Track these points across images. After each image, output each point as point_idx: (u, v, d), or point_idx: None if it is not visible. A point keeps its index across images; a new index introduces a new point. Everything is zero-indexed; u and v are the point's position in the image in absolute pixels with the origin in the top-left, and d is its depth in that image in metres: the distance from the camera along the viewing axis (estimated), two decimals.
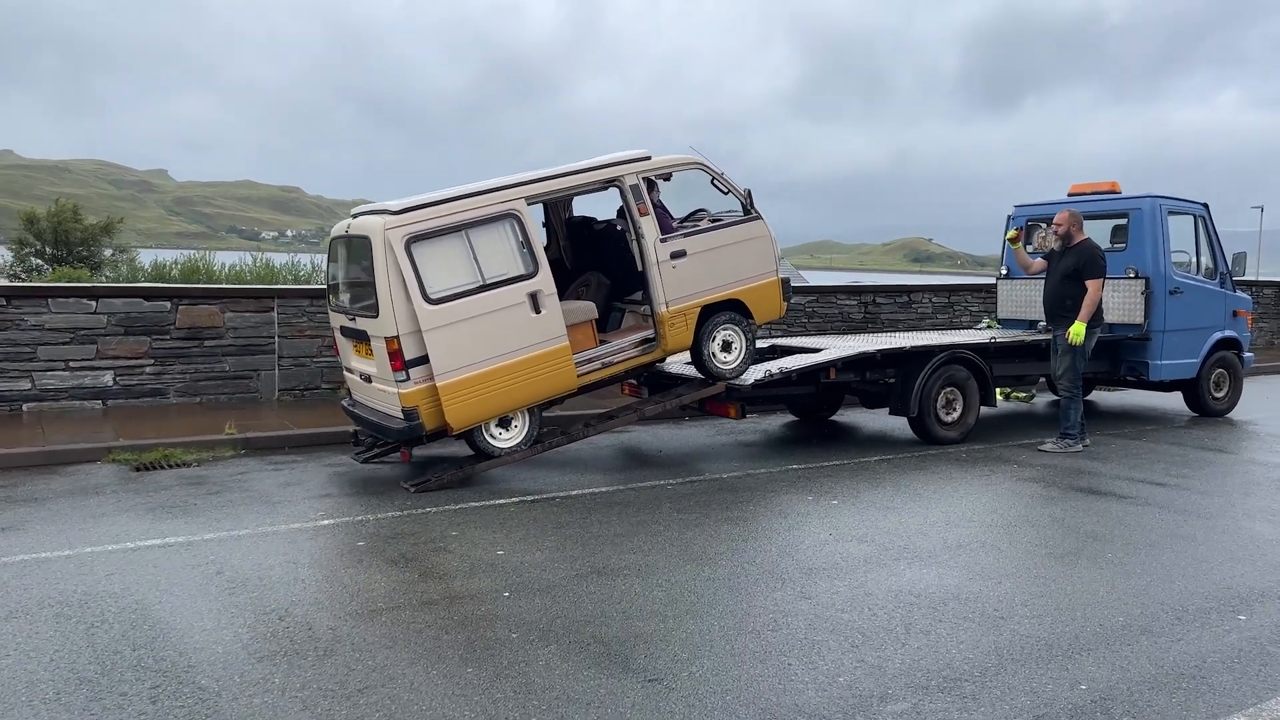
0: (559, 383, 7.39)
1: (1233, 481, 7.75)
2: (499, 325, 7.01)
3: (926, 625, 4.51)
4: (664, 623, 4.52)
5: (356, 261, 7.29)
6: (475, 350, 6.94)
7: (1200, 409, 11.10)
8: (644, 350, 7.89)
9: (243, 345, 10.11)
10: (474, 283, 6.96)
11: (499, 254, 7.07)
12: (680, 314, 7.80)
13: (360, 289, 7.29)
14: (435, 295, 6.81)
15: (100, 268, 28.27)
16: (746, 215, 8.24)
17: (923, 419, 9.08)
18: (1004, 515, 6.59)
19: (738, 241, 8.14)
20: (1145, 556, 5.64)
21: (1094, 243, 9.15)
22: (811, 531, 6.11)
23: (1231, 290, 11.19)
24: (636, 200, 7.65)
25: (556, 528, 6.17)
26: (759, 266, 8.25)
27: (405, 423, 6.89)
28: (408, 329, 6.74)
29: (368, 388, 7.49)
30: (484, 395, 7.00)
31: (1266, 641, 4.37)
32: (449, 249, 6.91)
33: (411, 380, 6.80)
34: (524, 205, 7.26)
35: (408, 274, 6.70)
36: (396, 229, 6.74)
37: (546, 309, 7.18)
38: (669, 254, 7.75)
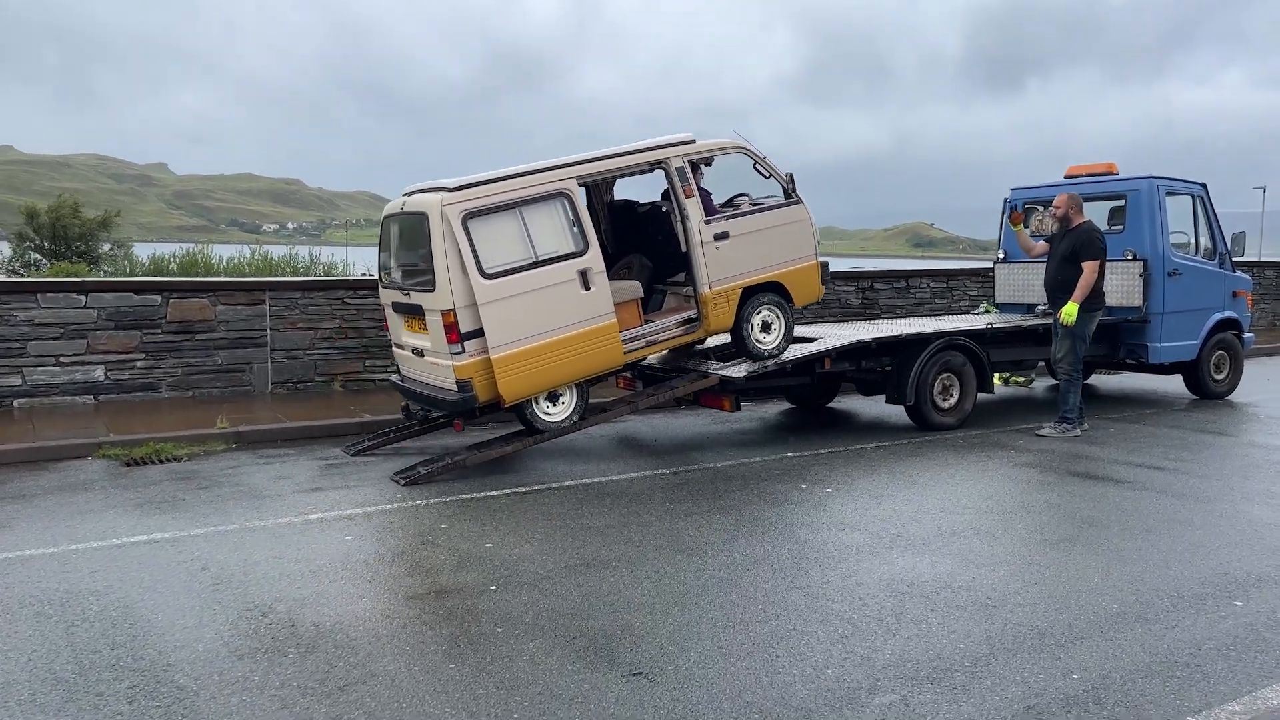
0: (606, 359, 7.55)
1: (1232, 465, 7.68)
2: (550, 301, 7.18)
3: (918, 615, 4.45)
4: (652, 615, 4.47)
5: (412, 238, 7.44)
6: (528, 325, 7.10)
7: (1200, 391, 11.02)
8: (687, 330, 8.07)
9: (235, 338, 10.05)
10: (527, 259, 7.13)
11: (550, 232, 7.24)
12: (723, 295, 7.98)
13: (415, 265, 7.42)
14: (490, 270, 6.97)
15: (98, 262, 28.25)
16: (788, 199, 8.38)
17: (919, 406, 9.01)
18: (1000, 501, 6.53)
19: (779, 225, 8.30)
20: (1141, 542, 5.58)
21: (1093, 225, 9.07)
22: (804, 520, 6.05)
23: (1231, 271, 11.09)
24: (682, 182, 7.84)
25: (547, 519, 6.12)
26: (799, 250, 8.40)
27: (459, 394, 7.04)
28: (464, 302, 6.91)
29: (419, 362, 7.62)
30: (536, 369, 7.17)
31: (1263, 628, 4.31)
32: (503, 226, 7.08)
33: (466, 353, 6.97)
34: (575, 185, 7.43)
35: (464, 249, 6.86)
36: (454, 205, 6.90)
37: (596, 286, 7.35)
38: (713, 236, 7.91)
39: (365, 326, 10.63)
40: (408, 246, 7.65)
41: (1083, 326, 8.92)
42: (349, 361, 10.59)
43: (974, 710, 3.53)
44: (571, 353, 7.29)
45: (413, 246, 7.47)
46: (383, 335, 10.71)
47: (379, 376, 10.75)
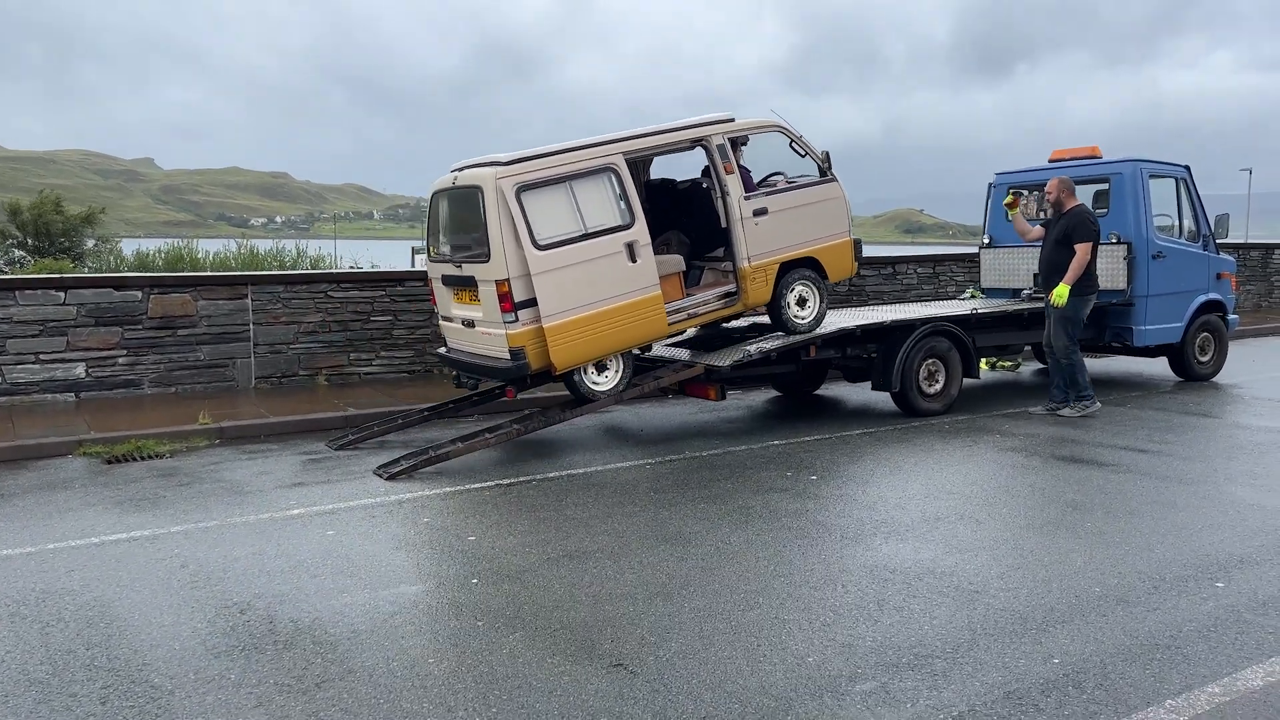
0: (652, 329, 7.75)
1: (1215, 446, 7.69)
2: (599, 272, 7.38)
3: (900, 601, 4.44)
4: (634, 606, 4.44)
5: (464, 212, 7.59)
6: (578, 295, 7.28)
7: (1186, 373, 11.04)
8: (726, 303, 8.27)
9: (217, 333, 9.98)
10: (577, 231, 7.32)
11: (599, 205, 7.43)
12: (761, 269, 8.21)
13: (468, 237, 7.56)
14: (543, 241, 7.15)
15: (83, 258, 28.09)
16: (823, 177, 8.59)
17: (905, 392, 9.00)
18: (984, 487, 6.52)
19: (815, 202, 8.53)
20: (1124, 525, 5.58)
21: (1085, 208, 9.11)
22: (788, 508, 6.03)
23: (1215, 253, 11.10)
24: (723, 159, 8.04)
25: (530, 511, 6.09)
26: (834, 227, 8.64)
27: (512, 362, 7.21)
28: (518, 273, 7.08)
29: (469, 333, 7.77)
30: (585, 338, 7.36)
31: (1244, 609, 4.31)
32: (554, 199, 7.26)
33: (520, 321, 7.15)
34: (622, 160, 7.59)
35: (518, 220, 7.03)
36: (508, 178, 7.08)
37: (642, 259, 7.55)
38: (752, 211, 8.13)
39: (349, 320, 10.57)
40: (459, 220, 7.80)
41: (1076, 309, 8.97)
42: (333, 355, 10.54)
43: (954, 696, 3.52)
44: (619, 323, 7.49)
45: (465, 220, 7.63)
46: (367, 328, 10.68)
47: (364, 370, 10.70)
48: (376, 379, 10.74)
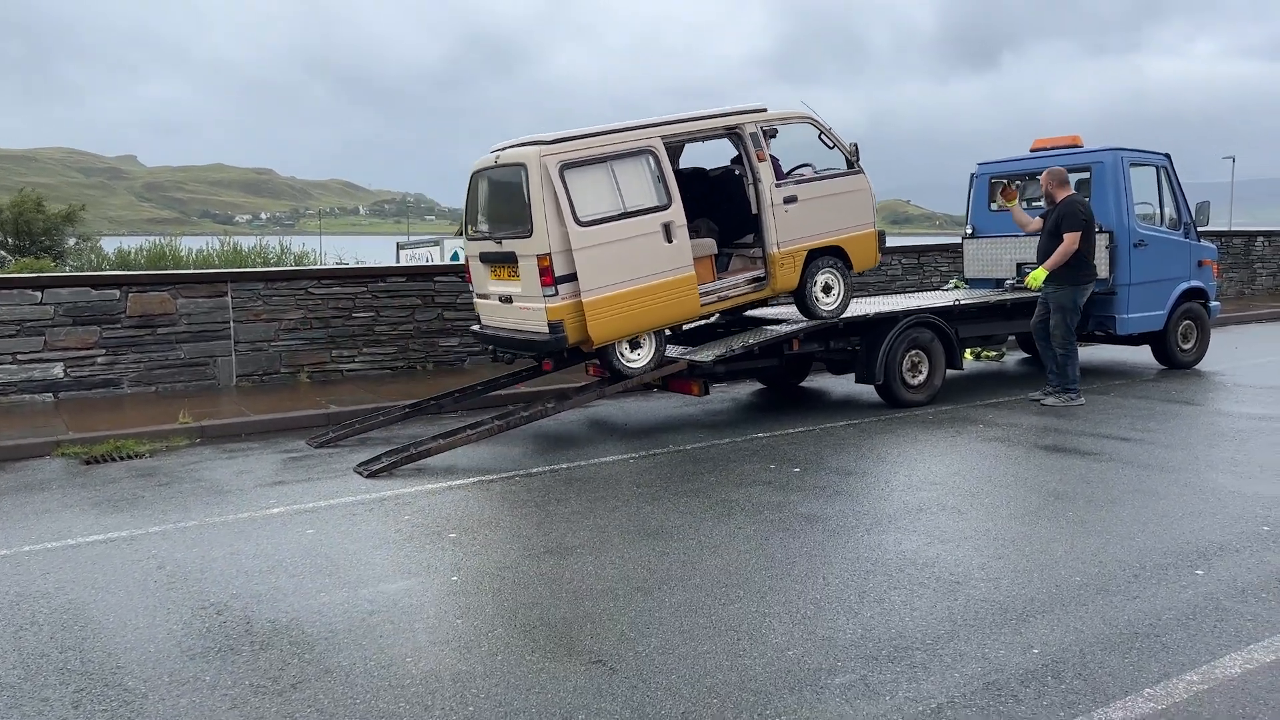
0: (685, 309, 7.94)
1: (1197, 434, 7.72)
2: (637, 250, 7.56)
3: (881, 593, 4.43)
4: (614, 601, 4.42)
5: (506, 189, 7.76)
6: (616, 272, 7.47)
7: (1168, 361, 11.08)
8: (755, 288, 8.47)
9: (197, 331, 9.90)
10: (616, 210, 7.51)
11: (638, 186, 7.63)
12: (789, 255, 8.43)
13: (509, 214, 7.74)
14: (584, 218, 7.34)
15: (64, 257, 27.89)
16: (850, 169, 8.83)
17: (888, 384, 9.00)
18: (966, 477, 6.52)
19: (842, 192, 8.76)
20: (1106, 513, 5.58)
21: (1076, 197, 9.15)
22: (770, 501, 6.02)
23: (1196, 240, 11.13)
24: (755, 146, 8.27)
25: (512, 507, 6.06)
26: (859, 217, 8.87)
27: (550, 335, 7.41)
28: (559, 248, 7.28)
29: (507, 309, 7.96)
30: (622, 314, 7.54)
31: (1222, 596, 4.32)
32: (595, 178, 7.47)
33: (559, 295, 7.34)
34: (660, 143, 7.80)
35: (561, 197, 7.23)
36: (552, 156, 7.28)
37: (677, 239, 7.74)
38: (782, 199, 8.36)
39: (330, 316, 10.51)
40: (500, 198, 7.95)
41: (1074, 299, 9.03)
42: (315, 352, 10.47)
43: (933, 688, 3.51)
44: (654, 301, 7.67)
45: (506, 198, 7.79)
46: (348, 325, 10.63)
47: (346, 367, 10.64)
48: (359, 375, 10.68)
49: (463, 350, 11.27)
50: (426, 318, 11.03)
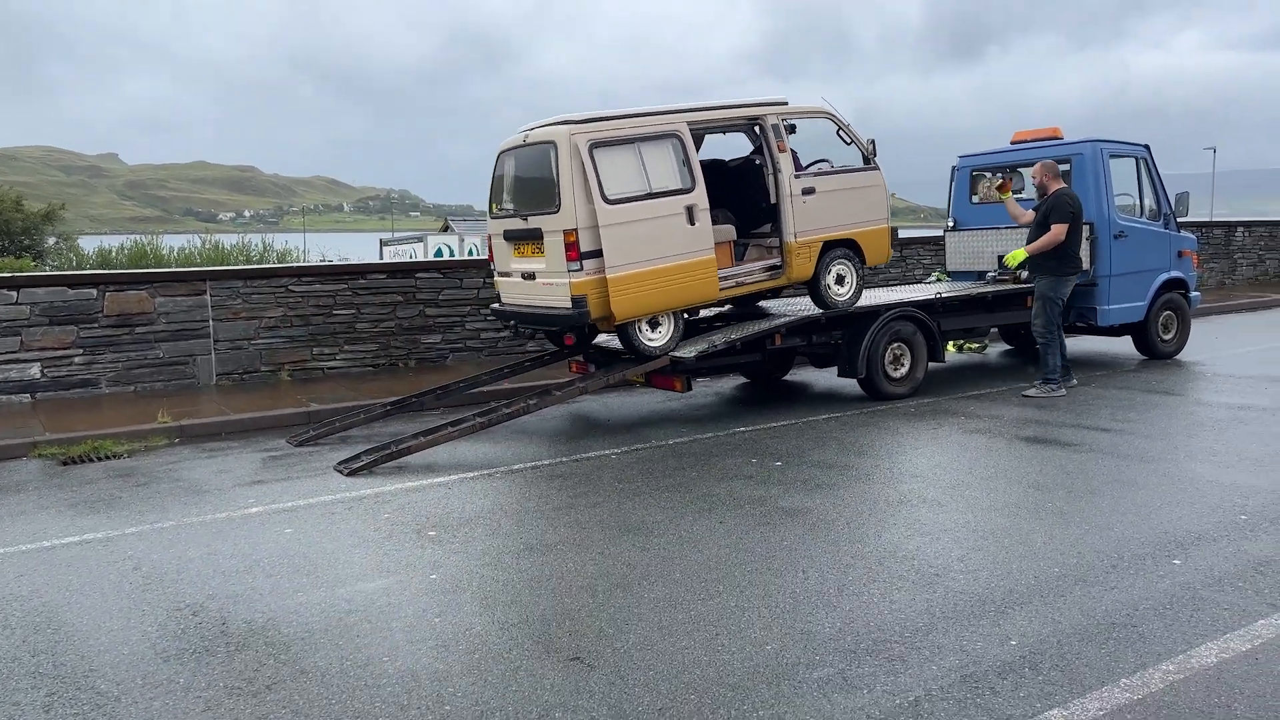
0: (704, 291, 8.10)
1: (1177, 424, 7.75)
2: (661, 231, 7.74)
3: (860, 587, 4.43)
4: (593, 597, 4.41)
5: (534, 167, 7.87)
6: (640, 250, 7.62)
7: (1149, 352, 11.13)
8: (771, 276, 8.66)
9: (176, 330, 9.83)
10: (642, 190, 7.68)
11: (663, 168, 7.82)
12: (805, 246, 8.61)
13: (536, 192, 7.86)
14: (612, 196, 7.50)
15: (44, 256, 27.60)
16: (866, 165, 9.05)
17: (871, 377, 9.00)
18: (947, 469, 6.53)
19: (858, 187, 8.98)
20: (1085, 504, 5.60)
21: (1067, 190, 9.25)
22: (751, 495, 6.01)
23: (1176, 231, 11.18)
24: (776, 137, 8.48)
25: (494, 504, 6.03)
26: (874, 213, 9.07)
27: (573, 309, 7.55)
28: (586, 224, 7.44)
29: (529, 285, 8.10)
30: (644, 292, 7.69)
31: (1199, 586, 4.33)
32: (623, 158, 7.64)
33: (584, 271, 7.48)
34: (686, 128, 8.01)
35: (590, 175, 7.39)
36: (582, 134, 7.47)
37: (700, 222, 7.93)
38: (801, 190, 8.55)
39: (311, 314, 10.45)
40: (527, 176, 8.05)
41: (1056, 289, 9.17)
42: (296, 350, 10.41)
43: (910, 681, 3.51)
44: (676, 281, 7.83)
45: (535, 175, 7.89)
46: (329, 322, 10.57)
47: (327, 365, 10.58)
48: (340, 373, 10.63)
49: (445, 347, 11.23)
50: (408, 315, 10.99)
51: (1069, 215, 8.98)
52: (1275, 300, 17.10)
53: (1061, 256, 9.08)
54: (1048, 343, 9.16)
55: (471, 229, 33.00)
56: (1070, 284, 9.20)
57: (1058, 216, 8.99)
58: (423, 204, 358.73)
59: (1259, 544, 4.86)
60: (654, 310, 7.92)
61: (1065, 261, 9.08)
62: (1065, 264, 9.09)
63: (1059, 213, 8.99)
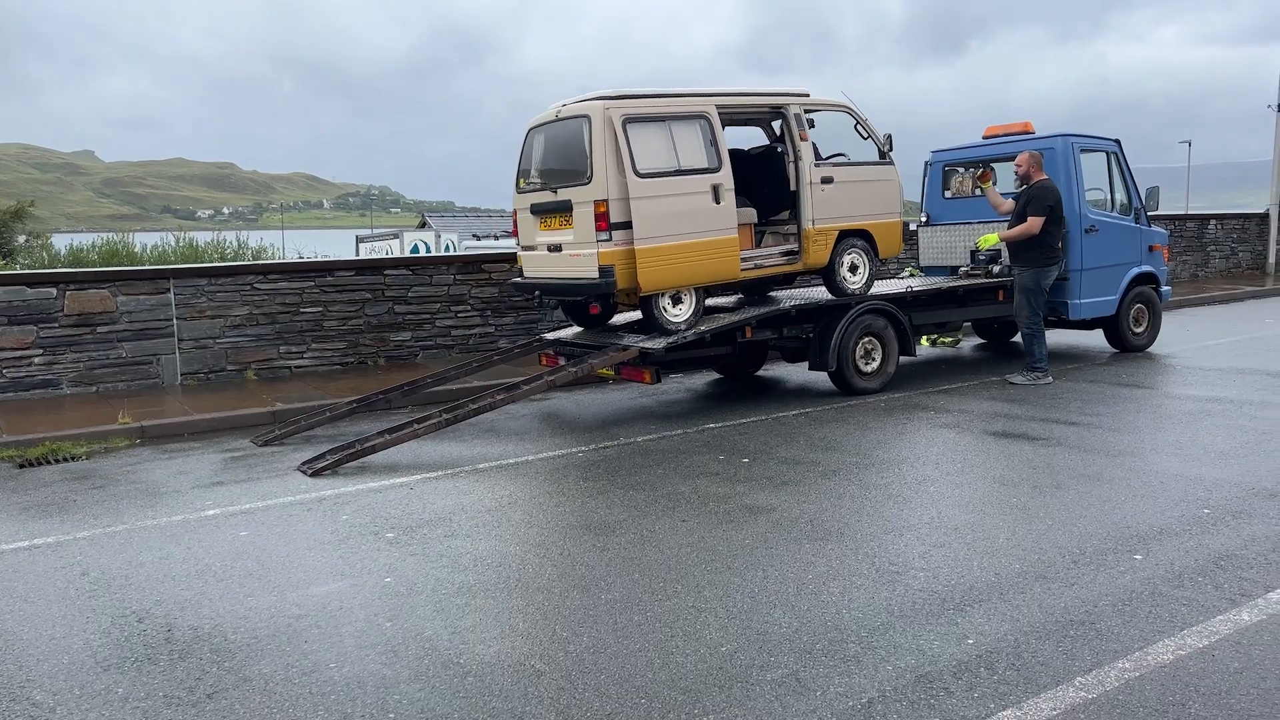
0: (726, 269, 8.29)
1: (1144, 417, 7.75)
2: (688, 207, 7.97)
3: (818, 585, 4.38)
4: (549, 599, 4.34)
5: (565, 142, 8.11)
6: (668, 225, 7.85)
7: (1121, 345, 11.15)
8: (788, 260, 8.91)
9: (139, 330, 9.68)
10: (672, 167, 7.93)
11: (692, 147, 8.06)
12: (822, 234, 8.89)
13: (567, 165, 8.09)
14: (643, 170, 7.73)
15: (13, 255, 27.24)
16: (882, 159, 9.33)
17: (841, 371, 8.97)
18: (914, 465, 6.49)
19: (874, 180, 9.27)
20: (1049, 499, 5.57)
21: (1049, 182, 9.31)
22: (716, 493, 5.96)
23: (1147, 225, 11.19)
24: (799, 126, 8.74)
25: (454, 504, 5.95)
26: (887, 206, 9.35)
27: (601, 279, 7.73)
28: (617, 195, 7.65)
29: (554, 257, 8.28)
30: (669, 265, 7.89)
31: (1159, 581, 4.30)
32: (654, 134, 7.89)
33: (613, 241, 7.70)
34: (715, 110, 8.26)
35: (622, 148, 7.62)
36: (616, 109, 7.71)
37: (725, 201, 8.17)
38: (820, 178, 8.82)
39: (277, 312, 10.32)
40: (558, 150, 8.26)
41: (1037, 280, 9.33)
42: (262, 349, 10.28)
43: (865, 682, 3.46)
44: (700, 257, 8.04)
45: (565, 150, 8.12)
46: (296, 320, 10.44)
47: (294, 363, 10.46)
48: (308, 372, 10.50)
49: (415, 345, 11.12)
50: (377, 312, 10.87)
51: (1047, 208, 9.08)
52: (1247, 292, 17.21)
53: (1041, 247, 9.18)
54: (1034, 333, 9.29)
55: (449, 225, 32.81)
56: (1051, 274, 9.32)
57: (1035, 208, 9.08)
58: (403, 200, 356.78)
59: (1220, 538, 4.84)
60: (678, 284, 8.09)
61: (1044, 253, 9.19)
62: (1044, 255, 9.21)
63: (1036, 204, 9.09)
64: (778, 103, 8.85)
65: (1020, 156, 9.43)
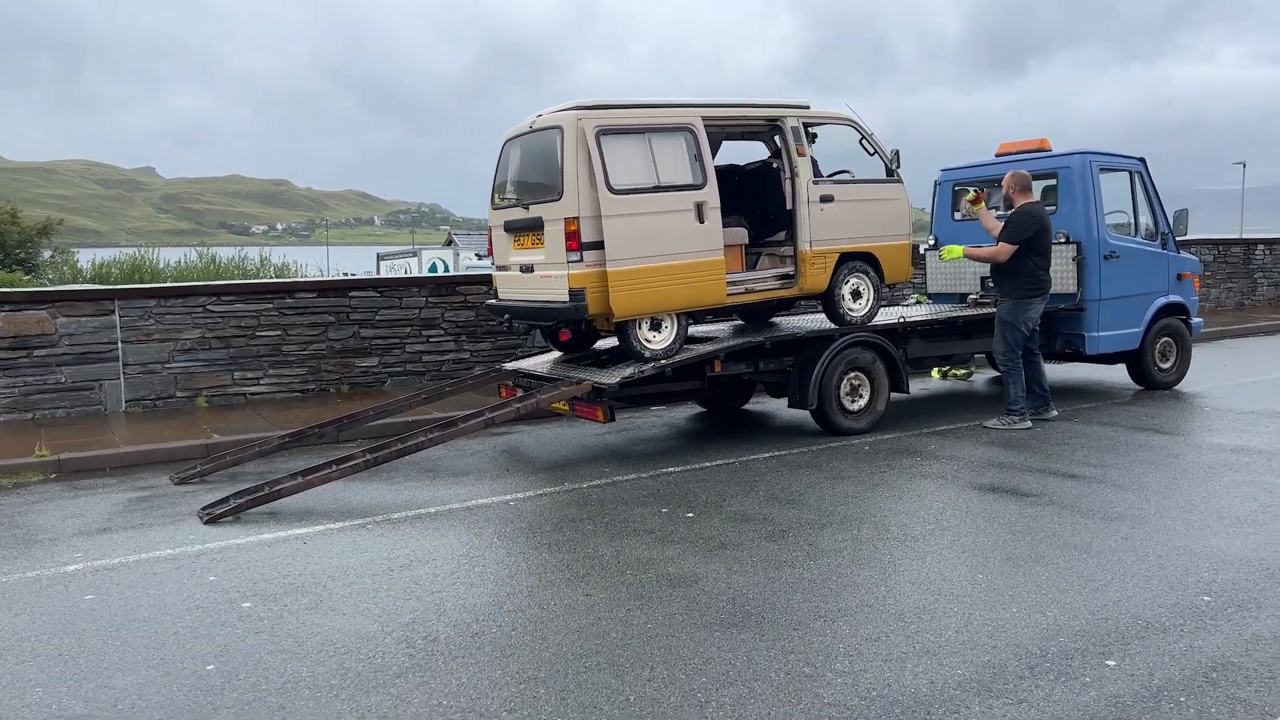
0: (710, 294, 7.61)
1: (1155, 471, 6.82)
2: (667, 226, 7.32)
3: (709, 693, 3.59)
4: (381, 702, 3.61)
5: (539, 155, 7.55)
6: (644, 245, 7.20)
7: (1146, 382, 10.18)
8: (783, 285, 8.20)
9: (80, 353, 9.16)
10: (650, 183, 7.29)
11: (674, 161, 7.42)
12: (821, 256, 8.16)
13: (539, 179, 7.54)
14: (617, 186, 7.11)
15: (39, 269, 27.31)
16: (889, 177, 8.57)
17: (824, 409, 8.16)
18: (878, 527, 5.66)
19: (879, 199, 8.53)
20: (1023, 576, 4.73)
21: (1031, 208, 8.41)
22: (640, 557, 5.19)
23: (1175, 251, 10.23)
24: (796, 141, 8.06)
25: (340, 565, 5.24)
26: (895, 227, 8.58)
27: (571, 302, 7.16)
28: (588, 213, 7.04)
29: (526, 279, 7.73)
30: (646, 289, 7.24)
31: (1130, 700, 3.46)
32: (632, 148, 7.27)
33: (584, 262, 7.09)
34: (700, 122, 7.61)
35: (595, 162, 7.02)
36: (589, 120, 7.12)
37: (709, 221, 7.49)
38: (819, 196, 8.11)
39: (232, 335, 9.75)
40: (532, 164, 7.73)
41: (1014, 314, 8.44)
42: (215, 374, 9.72)
43: None
44: (680, 280, 7.38)
45: (538, 163, 7.57)
46: (252, 344, 9.88)
47: (250, 390, 9.88)
48: (265, 399, 9.92)
49: (383, 371, 10.50)
50: (341, 336, 10.27)
51: (1018, 236, 8.24)
52: None
53: (1019, 276, 8.32)
54: (1009, 370, 8.44)
55: (471, 243, 32.42)
56: (1033, 307, 8.36)
57: (1006, 234, 8.28)
58: (453, 217, 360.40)
59: (1218, 637, 3.98)
60: (655, 310, 7.44)
61: (1025, 282, 8.32)
62: (1025, 285, 8.33)
63: (1009, 230, 8.29)
64: (773, 114, 8.15)
65: (1006, 177, 8.54)
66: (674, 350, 7.63)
